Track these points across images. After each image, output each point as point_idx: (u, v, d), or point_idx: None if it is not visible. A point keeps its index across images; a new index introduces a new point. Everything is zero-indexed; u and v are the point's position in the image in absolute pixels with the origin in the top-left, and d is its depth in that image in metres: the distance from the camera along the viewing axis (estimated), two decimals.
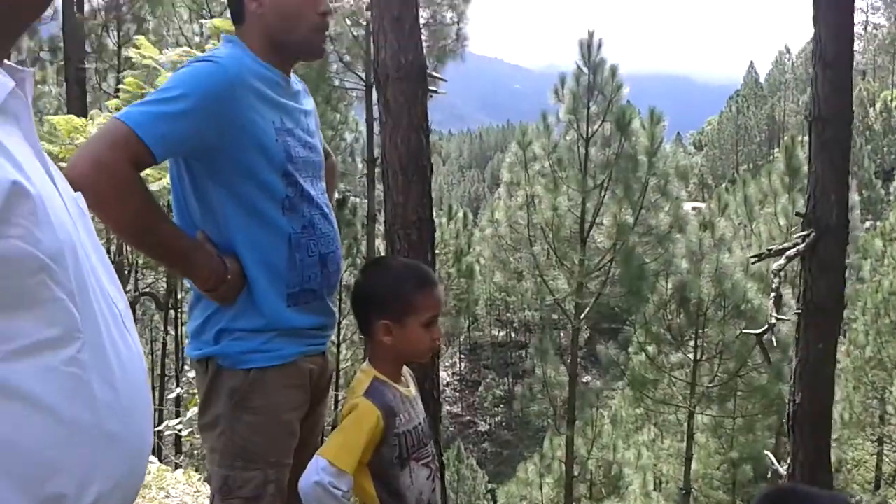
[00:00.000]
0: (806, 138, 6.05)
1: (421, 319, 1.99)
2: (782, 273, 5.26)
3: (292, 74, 2.15)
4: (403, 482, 1.96)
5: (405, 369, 2.14)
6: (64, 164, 1.70)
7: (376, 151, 16.47)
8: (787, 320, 6.81)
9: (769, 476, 6.31)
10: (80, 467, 0.97)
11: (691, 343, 15.01)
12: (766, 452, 8.72)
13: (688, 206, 23.40)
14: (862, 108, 54.54)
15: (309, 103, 2.19)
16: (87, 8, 16.17)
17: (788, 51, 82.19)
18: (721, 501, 14.36)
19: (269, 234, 1.98)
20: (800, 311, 5.48)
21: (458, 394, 37.18)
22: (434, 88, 5.59)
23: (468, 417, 35.33)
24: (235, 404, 1.99)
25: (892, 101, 60.05)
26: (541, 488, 14.30)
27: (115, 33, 15.69)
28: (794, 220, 16.66)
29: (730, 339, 14.29)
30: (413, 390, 2.10)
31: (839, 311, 5.67)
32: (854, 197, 23.10)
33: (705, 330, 14.90)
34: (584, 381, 23.64)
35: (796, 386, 5.43)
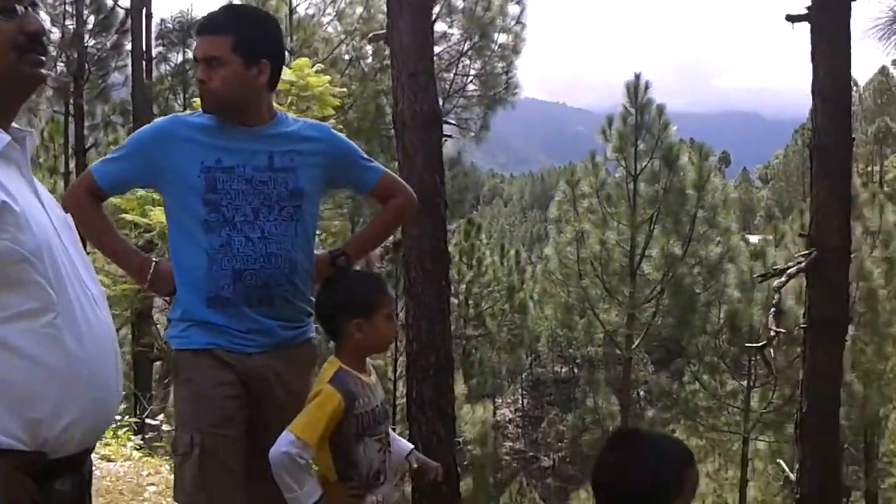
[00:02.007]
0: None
1: (384, 313, 2.47)
2: (781, 292, 5.59)
3: (296, 120, 2.75)
4: (358, 454, 2.40)
5: (367, 361, 2.58)
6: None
7: None
8: (785, 333, 7.07)
9: (782, 483, 6.56)
10: (54, 399, 1.54)
11: (745, 371, 15.08)
12: (779, 461, 8.87)
13: (754, 238, 23.39)
14: None
15: (291, 143, 2.65)
16: (154, 74, 17.36)
17: (856, 83, 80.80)
18: None
19: (191, 248, 2.56)
20: (805, 326, 5.80)
21: (520, 430, 37.16)
22: (450, 134, 6.19)
23: (531, 453, 35.24)
24: (173, 378, 2.61)
25: None
26: None
27: (182, 95, 16.79)
28: None
29: (782, 365, 14.33)
30: (374, 379, 2.54)
31: (843, 326, 5.96)
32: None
33: (758, 357, 14.95)
34: (645, 413, 23.59)
35: (803, 398, 5.73)
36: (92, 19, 17.21)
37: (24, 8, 1.58)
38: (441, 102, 11.36)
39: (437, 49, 14.21)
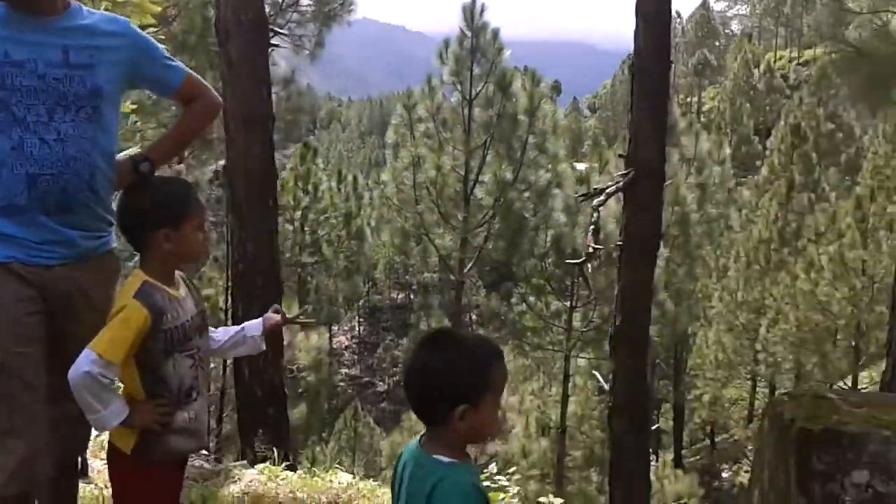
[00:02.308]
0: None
1: (194, 223, 2.37)
2: (600, 210, 5.83)
3: (91, 12, 2.50)
4: (167, 370, 2.30)
5: (177, 273, 2.46)
6: None
7: None
8: (602, 250, 7.45)
9: (597, 393, 6.96)
10: None
11: (568, 292, 15.78)
12: (594, 373, 9.48)
13: (581, 166, 24.31)
14: (746, 68, 56.92)
15: (88, 38, 2.44)
16: None
17: (679, 15, 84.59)
18: (596, 440, 15.25)
19: None
20: (621, 243, 6.09)
21: (356, 356, 37.67)
22: (276, 43, 5.94)
23: (367, 378, 35.87)
24: None
25: (774, 62, 62.81)
26: None
27: None
28: None
29: (603, 285, 15.10)
30: (183, 291, 2.42)
31: (655, 245, 6.31)
32: (726, 151, 24.41)
33: (580, 279, 15.68)
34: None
35: (617, 311, 6.05)
36: None
37: None
38: (273, 17, 10.89)
39: None
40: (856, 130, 38.16)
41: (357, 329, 39.16)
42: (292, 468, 4.08)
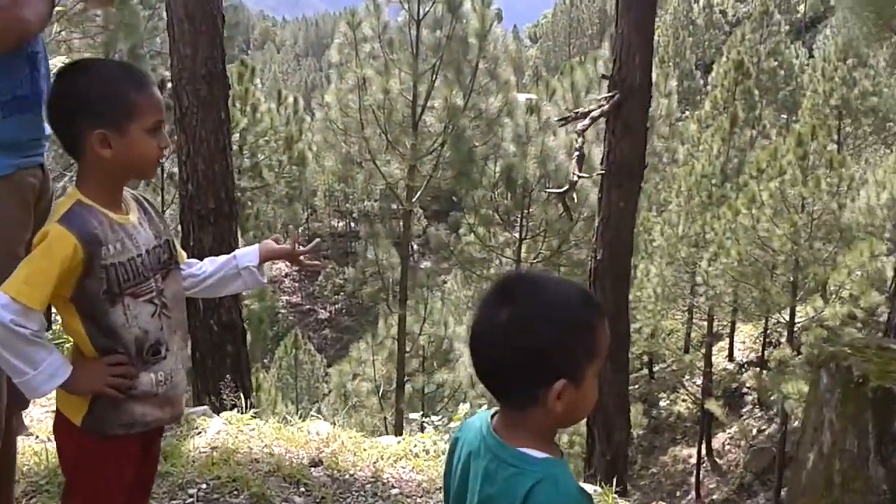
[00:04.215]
0: None
1: (145, 124, 1.78)
2: (585, 135, 5.39)
3: None
4: (115, 319, 1.77)
5: (129, 193, 1.91)
6: None
7: None
8: (588, 178, 7.08)
9: None
10: None
11: (517, 223, 15.50)
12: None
13: (522, 97, 23.88)
14: (686, 3, 56.78)
15: None
16: None
17: None
18: None
19: None
20: (603, 171, 5.68)
21: (297, 284, 37.19)
22: None
23: (308, 306, 35.50)
24: None
25: None
26: (374, 365, 14.59)
27: None
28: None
29: (553, 217, 14.84)
30: (134, 217, 1.87)
31: (640, 172, 5.93)
32: (672, 84, 24.26)
33: (530, 210, 15.38)
34: (422, 266, 24.11)
35: (598, 243, 5.68)
36: None
37: None
38: None
39: None
40: (795, 68, 38.36)
41: None
42: (260, 416, 3.61)
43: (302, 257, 2.17)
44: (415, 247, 24.82)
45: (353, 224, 36.35)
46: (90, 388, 1.76)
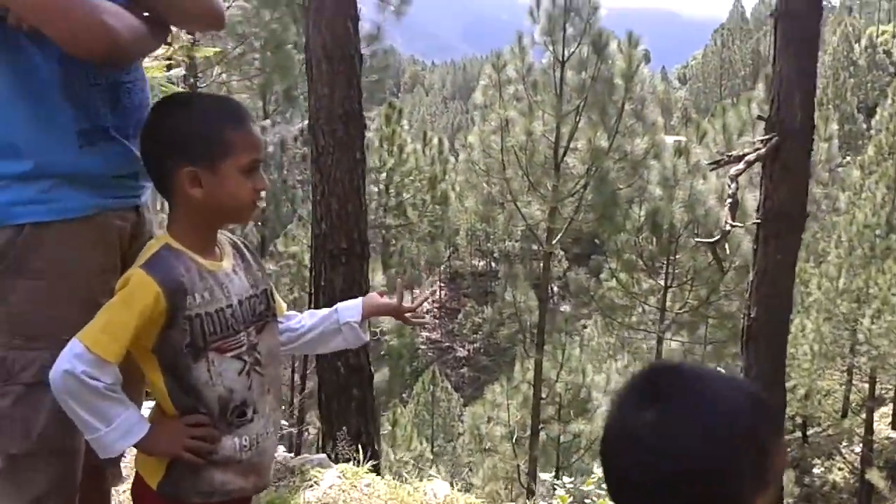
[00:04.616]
0: None
1: (239, 163, 1.61)
2: (738, 181, 4.98)
3: None
4: (198, 376, 1.60)
5: (226, 237, 1.75)
6: None
7: None
8: (742, 227, 6.58)
9: None
10: None
11: (663, 270, 14.90)
12: (718, 368, 8.63)
13: (670, 139, 23.28)
14: (847, 43, 54.01)
15: None
16: None
17: None
18: None
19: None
20: (759, 220, 5.23)
21: (437, 321, 37.47)
22: None
23: (447, 343, 35.67)
24: (7, 269, 1.65)
25: (877, 37, 59.40)
26: (508, 409, 14.29)
27: None
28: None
29: (701, 265, 14.17)
30: (228, 264, 1.70)
31: (801, 222, 5.43)
32: (833, 127, 22.94)
33: (677, 257, 14.76)
34: (561, 309, 23.70)
35: (752, 299, 5.21)
36: None
37: None
38: None
39: None
40: None
41: (439, 293, 39.07)
42: (378, 469, 3.42)
43: (407, 314, 1.95)
44: (554, 289, 24.45)
45: (493, 264, 36.45)
46: (166, 449, 1.61)
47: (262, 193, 1.68)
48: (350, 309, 1.88)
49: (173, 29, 1.97)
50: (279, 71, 17.09)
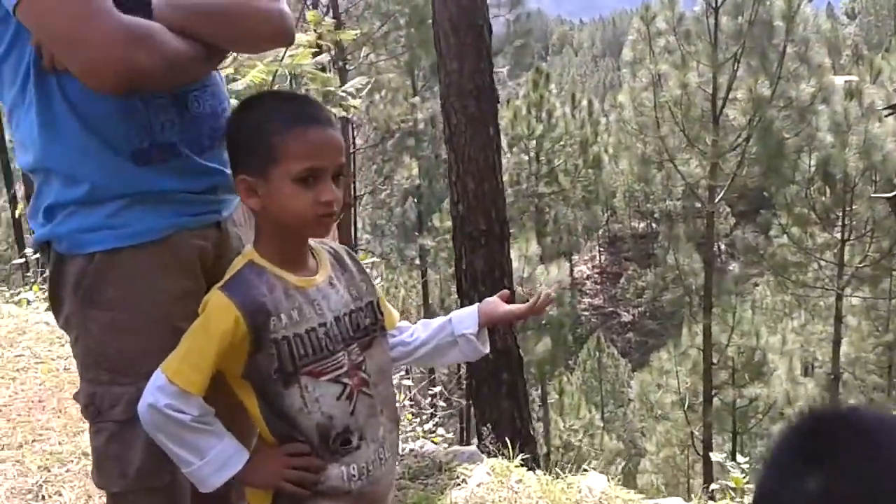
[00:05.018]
0: None
1: (290, 171, 1.44)
2: None
3: None
4: (291, 403, 1.48)
5: (325, 247, 1.62)
6: None
7: None
8: None
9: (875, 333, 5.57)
10: None
11: (838, 222, 13.89)
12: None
13: (839, 80, 21.65)
14: None
15: None
16: None
17: None
18: (876, 385, 13.43)
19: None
20: None
21: (598, 286, 36.92)
22: None
23: (610, 308, 35.07)
24: (82, 299, 1.57)
25: None
26: (677, 376, 13.82)
27: None
28: None
29: (881, 215, 13.08)
30: (323, 277, 1.56)
31: None
32: None
33: (854, 207, 13.70)
34: (728, 269, 22.74)
35: None
36: None
37: None
38: None
39: None
40: None
41: (598, 258, 38.39)
42: (535, 459, 3.28)
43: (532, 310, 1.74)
44: (721, 248, 23.41)
45: (654, 224, 35.40)
46: (266, 481, 1.52)
47: (336, 206, 1.49)
48: (465, 319, 1.70)
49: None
50: (423, 46, 17.18)
